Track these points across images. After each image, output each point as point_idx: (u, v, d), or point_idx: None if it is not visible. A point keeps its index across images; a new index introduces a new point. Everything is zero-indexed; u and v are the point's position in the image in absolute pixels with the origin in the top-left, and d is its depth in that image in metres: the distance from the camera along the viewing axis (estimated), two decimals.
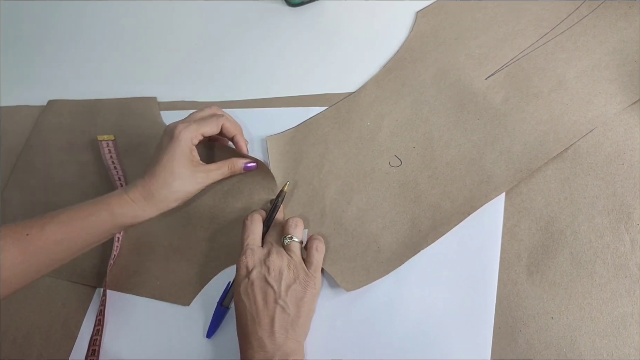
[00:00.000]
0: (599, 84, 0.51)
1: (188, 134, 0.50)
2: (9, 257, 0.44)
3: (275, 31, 0.67)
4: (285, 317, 0.43)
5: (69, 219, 0.47)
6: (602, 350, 0.40)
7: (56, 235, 0.46)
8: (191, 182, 0.50)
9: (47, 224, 0.46)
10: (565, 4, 0.56)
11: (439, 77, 0.57)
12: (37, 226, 0.46)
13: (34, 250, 0.45)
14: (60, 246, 0.47)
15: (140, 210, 0.49)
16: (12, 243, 0.44)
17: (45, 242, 0.46)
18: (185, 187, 0.50)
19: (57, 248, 0.47)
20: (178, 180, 0.49)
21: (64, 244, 0.47)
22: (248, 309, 0.44)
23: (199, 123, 0.51)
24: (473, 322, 0.44)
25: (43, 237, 0.46)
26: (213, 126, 0.52)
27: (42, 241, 0.45)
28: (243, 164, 0.54)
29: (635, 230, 0.44)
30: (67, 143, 0.66)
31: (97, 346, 0.50)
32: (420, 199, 0.50)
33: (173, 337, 0.50)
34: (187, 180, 0.50)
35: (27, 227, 0.46)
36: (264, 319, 0.43)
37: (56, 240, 0.46)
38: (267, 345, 0.42)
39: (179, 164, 0.49)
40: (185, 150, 0.50)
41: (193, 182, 0.50)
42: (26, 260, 0.45)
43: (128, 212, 0.48)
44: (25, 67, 0.78)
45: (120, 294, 0.54)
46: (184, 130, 0.50)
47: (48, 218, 0.47)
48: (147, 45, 0.74)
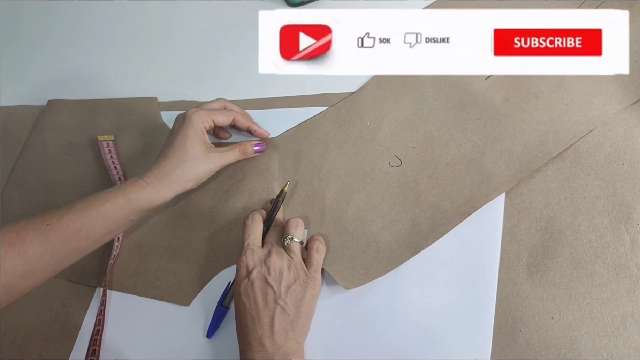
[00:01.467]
0: (599, 84, 0.51)
1: (200, 117, 0.52)
2: (33, 249, 0.45)
3: None
4: (285, 317, 0.43)
5: (85, 207, 0.48)
6: (602, 350, 0.40)
7: (75, 224, 0.47)
8: (205, 162, 0.51)
9: (65, 214, 0.47)
10: (565, 4, 0.56)
11: (439, 77, 0.56)
12: (56, 216, 0.47)
13: (55, 239, 0.46)
14: (80, 234, 0.47)
15: (155, 193, 0.49)
16: (34, 234, 0.45)
17: (65, 231, 0.46)
18: (199, 167, 0.51)
19: (77, 236, 0.47)
20: (191, 160, 0.50)
21: (82, 232, 0.47)
22: (248, 309, 0.44)
23: (210, 109, 0.53)
24: (473, 322, 0.44)
25: (63, 226, 0.46)
26: (224, 117, 0.54)
27: (62, 230, 0.46)
28: (253, 147, 0.55)
29: (635, 230, 0.44)
30: (67, 143, 0.66)
31: (98, 346, 0.50)
32: (420, 199, 0.50)
33: (173, 337, 0.50)
34: (200, 160, 0.51)
35: (47, 218, 0.46)
36: (263, 319, 0.43)
37: (75, 229, 0.47)
38: (267, 345, 0.42)
39: (192, 144, 0.50)
40: (198, 131, 0.51)
41: (207, 162, 0.51)
42: (48, 250, 0.46)
43: (143, 195, 0.49)
44: (25, 67, 0.78)
45: (120, 294, 0.54)
46: (195, 112, 0.52)
47: (66, 208, 0.47)
48: (147, 45, 0.74)
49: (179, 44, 0.73)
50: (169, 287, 0.53)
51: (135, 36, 0.76)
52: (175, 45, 0.73)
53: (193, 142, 0.50)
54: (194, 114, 0.52)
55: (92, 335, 0.51)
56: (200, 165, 0.51)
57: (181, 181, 0.50)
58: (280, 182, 0.55)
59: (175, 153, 0.50)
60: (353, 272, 0.48)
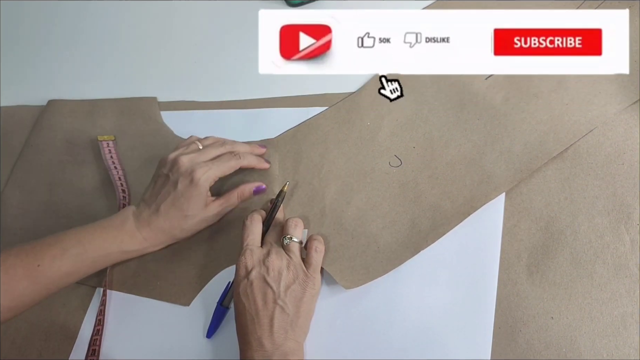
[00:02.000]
0: (599, 84, 0.51)
1: (206, 181, 0.50)
2: (20, 288, 0.46)
3: None
4: (284, 317, 0.43)
5: (80, 253, 0.49)
6: (602, 350, 0.40)
7: (67, 268, 0.48)
8: (204, 217, 0.51)
9: (58, 258, 0.48)
10: (566, 4, 0.56)
11: (439, 77, 0.56)
12: (48, 257, 0.47)
13: (44, 281, 0.47)
14: (70, 277, 0.49)
15: (150, 247, 0.52)
16: (24, 274, 0.46)
17: (56, 274, 0.48)
18: (197, 224, 0.52)
19: (67, 279, 0.49)
20: (191, 218, 0.51)
21: (73, 276, 0.49)
22: (247, 309, 0.44)
23: (217, 167, 0.51)
24: (473, 322, 0.44)
25: (54, 269, 0.47)
26: (230, 169, 0.52)
27: (53, 272, 0.47)
28: (251, 189, 0.54)
29: (635, 230, 0.44)
30: (67, 143, 0.66)
31: (97, 346, 0.50)
32: (420, 199, 0.50)
33: (173, 337, 0.50)
34: (199, 217, 0.51)
35: (39, 257, 0.47)
36: (263, 319, 0.43)
37: (67, 273, 0.48)
38: (266, 345, 0.42)
39: (195, 206, 0.50)
40: (203, 193, 0.50)
41: (206, 217, 0.52)
42: (36, 290, 0.47)
43: (138, 247, 0.51)
44: (25, 67, 0.78)
45: (120, 294, 0.54)
46: (203, 176, 0.50)
47: (59, 250, 0.48)
48: (147, 45, 0.74)
49: (179, 44, 0.72)
50: (169, 287, 0.53)
51: (135, 36, 0.76)
52: (175, 45, 0.73)
53: (196, 204, 0.50)
54: (200, 179, 0.50)
55: (92, 335, 0.51)
56: (199, 222, 0.52)
57: (176, 238, 0.52)
58: (280, 182, 0.55)
59: (176, 214, 0.50)
60: (353, 272, 0.48)
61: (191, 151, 0.52)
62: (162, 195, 0.50)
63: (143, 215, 0.51)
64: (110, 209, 0.59)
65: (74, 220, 0.59)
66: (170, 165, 0.51)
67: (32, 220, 0.60)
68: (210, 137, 0.55)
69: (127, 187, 0.59)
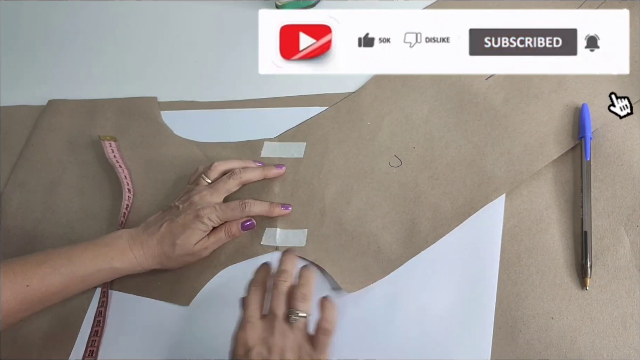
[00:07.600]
0: (599, 84, 0.51)
1: (212, 218, 0.50)
2: (8, 307, 0.46)
3: None
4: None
5: (70, 272, 0.48)
6: (602, 350, 0.40)
7: (56, 287, 0.48)
8: (189, 254, 0.51)
9: (48, 276, 0.47)
10: (566, 4, 0.56)
11: (439, 77, 0.56)
12: (37, 276, 0.47)
13: (33, 300, 0.47)
14: (59, 295, 0.49)
15: (139, 268, 0.51)
16: (12, 295, 0.46)
17: (45, 293, 0.47)
18: (183, 257, 0.51)
19: (55, 297, 0.49)
20: (178, 250, 0.50)
21: (61, 294, 0.49)
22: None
23: (224, 212, 0.51)
24: (473, 322, 0.44)
25: (43, 289, 0.47)
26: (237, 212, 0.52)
27: (42, 292, 0.47)
28: (238, 227, 0.52)
29: (635, 231, 0.44)
30: (67, 143, 0.66)
31: (96, 347, 0.50)
32: (420, 199, 0.50)
33: (173, 337, 0.50)
34: (185, 252, 0.51)
35: (28, 276, 0.47)
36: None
37: (56, 292, 0.48)
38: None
39: (186, 239, 0.50)
40: (204, 229, 0.51)
41: (191, 255, 0.51)
42: (23, 308, 0.47)
43: (128, 266, 0.50)
44: (25, 67, 0.78)
45: (121, 293, 0.54)
46: (208, 215, 0.50)
47: (49, 268, 0.48)
48: (147, 45, 0.74)
49: (179, 44, 0.72)
50: (169, 287, 0.53)
51: (136, 36, 0.76)
52: (175, 45, 0.73)
53: (189, 237, 0.50)
54: (205, 216, 0.50)
55: (90, 336, 0.51)
56: (186, 255, 0.51)
57: (165, 265, 0.52)
58: (280, 181, 0.55)
59: (168, 240, 0.50)
60: (354, 274, 0.48)
61: (202, 189, 0.53)
62: (166, 221, 0.51)
63: (139, 235, 0.51)
64: (110, 209, 0.59)
65: (74, 221, 0.59)
66: (183, 199, 0.52)
67: (32, 220, 0.60)
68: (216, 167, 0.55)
69: (133, 186, 0.59)
